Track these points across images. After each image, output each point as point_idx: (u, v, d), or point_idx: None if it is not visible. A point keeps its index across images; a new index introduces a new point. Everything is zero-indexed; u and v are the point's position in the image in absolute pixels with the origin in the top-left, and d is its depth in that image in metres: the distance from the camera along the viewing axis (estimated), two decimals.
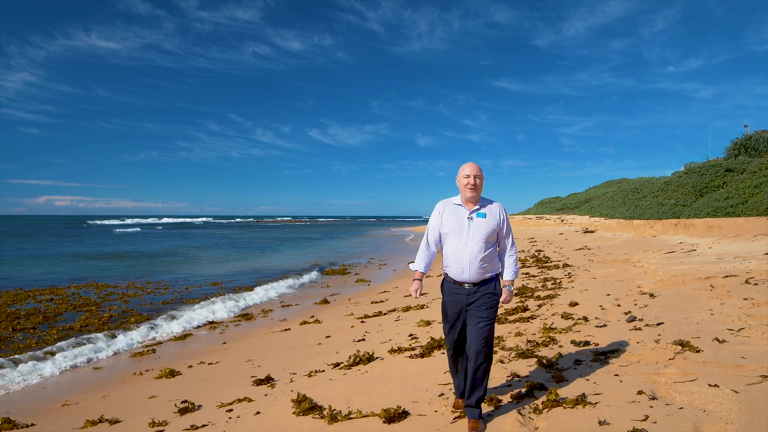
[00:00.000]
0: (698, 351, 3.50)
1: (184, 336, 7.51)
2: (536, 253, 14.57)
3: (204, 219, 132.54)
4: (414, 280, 2.97)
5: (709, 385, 2.85)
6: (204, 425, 3.60)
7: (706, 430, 2.34)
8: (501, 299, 2.88)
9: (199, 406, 4.16)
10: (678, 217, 18.03)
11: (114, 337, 7.22)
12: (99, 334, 7.21)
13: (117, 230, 53.78)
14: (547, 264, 11.46)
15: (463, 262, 2.79)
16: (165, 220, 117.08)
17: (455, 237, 2.84)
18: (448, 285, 2.93)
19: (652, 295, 5.92)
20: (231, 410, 3.89)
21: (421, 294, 2.91)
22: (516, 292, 7.71)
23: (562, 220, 31.00)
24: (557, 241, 19.16)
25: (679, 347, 3.61)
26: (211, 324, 8.36)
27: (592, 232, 21.10)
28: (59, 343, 6.73)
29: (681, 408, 2.62)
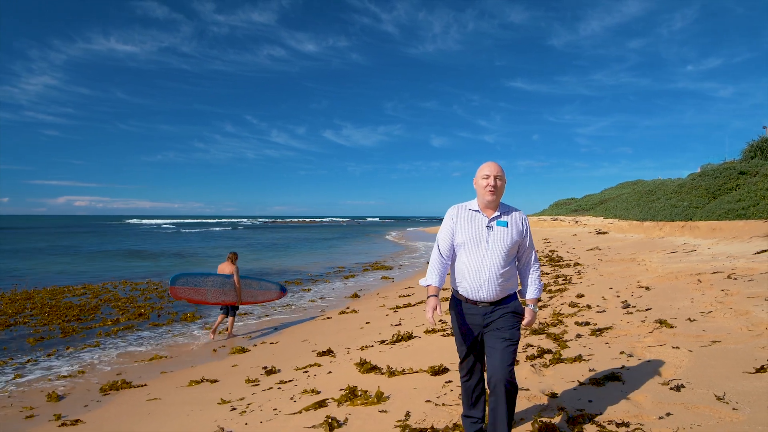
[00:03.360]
0: (672, 327, 4.50)
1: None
2: (550, 253, 15.47)
3: (245, 220, 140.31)
4: (429, 297, 2.50)
5: (673, 347, 3.87)
6: (289, 380, 4.74)
7: (663, 372, 3.37)
8: (524, 321, 2.51)
9: (279, 370, 5.31)
10: (690, 219, 18.67)
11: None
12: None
13: (183, 230, 57.37)
14: (560, 263, 12.39)
15: (481, 278, 2.42)
16: (213, 220, 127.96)
17: (472, 248, 2.45)
18: (460, 304, 2.55)
19: (647, 288, 6.89)
20: (306, 372, 5.03)
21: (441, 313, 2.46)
22: None
23: (577, 222, 31.63)
24: (570, 241, 19.98)
25: (658, 324, 4.62)
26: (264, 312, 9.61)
27: (604, 233, 21.83)
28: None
29: (648, 361, 3.65)
